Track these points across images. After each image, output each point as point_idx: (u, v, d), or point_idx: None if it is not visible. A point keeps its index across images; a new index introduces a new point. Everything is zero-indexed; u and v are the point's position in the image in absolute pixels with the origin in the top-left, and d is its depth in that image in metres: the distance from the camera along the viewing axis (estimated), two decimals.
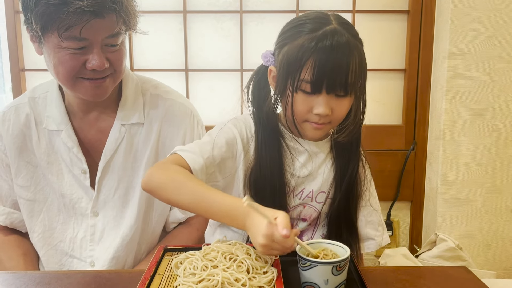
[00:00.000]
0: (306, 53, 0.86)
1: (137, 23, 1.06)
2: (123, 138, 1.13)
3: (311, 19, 0.90)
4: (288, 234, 0.72)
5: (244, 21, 1.86)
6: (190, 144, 0.98)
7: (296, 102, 0.90)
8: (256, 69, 1.03)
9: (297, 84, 0.88)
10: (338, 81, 0.86)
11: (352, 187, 1.02)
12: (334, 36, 0.85)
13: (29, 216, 1.16)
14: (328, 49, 0.85)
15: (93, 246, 1.14)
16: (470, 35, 1.69)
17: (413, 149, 1.88)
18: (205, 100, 1.91)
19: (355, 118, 0.96)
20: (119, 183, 1.14)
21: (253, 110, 1.00)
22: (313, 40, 0.86)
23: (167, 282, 0.76)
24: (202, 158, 0.92)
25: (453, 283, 0.87)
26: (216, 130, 1.00)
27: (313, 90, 0.88)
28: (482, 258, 1.82)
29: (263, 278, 0.73)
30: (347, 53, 0.86)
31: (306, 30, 0.88)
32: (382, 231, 1.07)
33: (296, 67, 0.87)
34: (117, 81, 1.08)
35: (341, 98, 0.90)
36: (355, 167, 1.02)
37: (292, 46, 0.88)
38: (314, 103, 0.89)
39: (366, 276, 0.84)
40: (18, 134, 1.14)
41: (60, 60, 0.99)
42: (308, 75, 0.86)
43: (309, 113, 0.91)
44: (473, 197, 1.79)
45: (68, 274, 0.91)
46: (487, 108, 1.74)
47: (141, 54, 1.88)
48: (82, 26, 0.94)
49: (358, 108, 0.95)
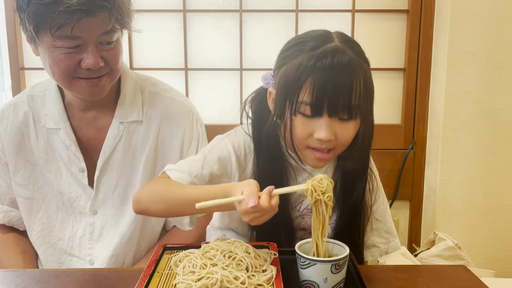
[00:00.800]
0: (305, 73, 0.80)
1: (131, 20, 1.05)
2: (122, 136, 1.13)
3: (312, 37, 0.84)
4: (255, 204, 0.70)
5: (243, 20, 1.86)
6: (182, 161, 0.97)
7: (295, 126, 0.84)
8: (256, 91, 0.99)
9: (295, 107, 0.82)
10: (340, 103, 0.80)
11: (358, 210, 0.97)
12: (336, 54, 0.79)
13: (28, 214, 1.16)
14: (329, 68, 0.78)
15: (92, 244, 1.15)
16: (469, 34, 1.70)
17: (412, 148, 1.88)
18: (204, 99, 1.91)
19: (362, 143, 0.88)
20: (118, 181, 1.14)
21: (253, 132, 0.96)
22: (312, 58, 0.80)
23: (166, 280, 0.76)
24: (190, 176, 0.91)
25: (452, 282, 0.87)
26: (211, 144, 0.98)
27: (313, 113, 0.81)
28: (481, 257, 1.83)
29: (262, 276, 0.73)
30: (350, 72, 0.79)
31: (306, 48, 0.82)
32: (389, 238, 1.03)
33: (294, 88, 0.81)
34: (114, 79, 1.08)
35: (345, 121, 0.83)
36: (361, 192, 0.96)
37: (290, 65, 0.83)
38: (315, 127, 0.83)
39: (365, 274, 0.84)
40: (16, 132, 1.14)
41: (55, 60, 0.99)
42: (307, 96, 0.80)
43: (310, 137, 0.84)
44: (472, 196, 1.80)
45: (67, 272, 0.91)
46: (486, 107, 1.74)
47: (141, 53, 1.88)
48: (73, 25, 0.93)
49: (364, 132, 0.88)
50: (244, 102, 0.99)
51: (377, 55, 1.87)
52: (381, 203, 1.03)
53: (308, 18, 1.86)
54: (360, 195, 0.97)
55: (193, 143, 1.17)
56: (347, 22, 1.85)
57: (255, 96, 0.98)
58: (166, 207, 0.88)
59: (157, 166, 1.16)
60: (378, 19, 1.86)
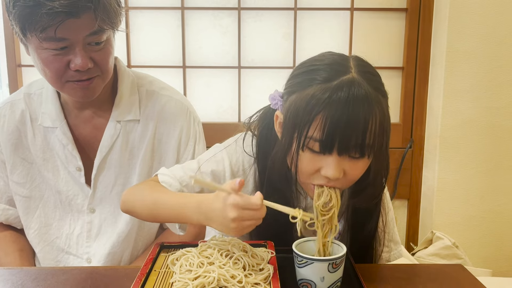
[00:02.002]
0: (317, 107, 0.73)
1: (120, 20, 1.03)
2: (119, 134, 1.12)
3: (327, 64, 0.78)
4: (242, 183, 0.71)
5: (242, 17, 1.85)
6: (176, 166, 0.96)
7: (301, 161, 0.79)
8: (264, 109, 0.94)
9: (304, 141, 0.76)
10: (353, 142, 0.74)
11: (369, 242, 0.95)
12: (351, 89, 0.73)
13: (25, 212, 1.16)
14: (343, 104, 0.72)
15: (89, 242, 1.14)
16: (468, 33, 1.69)
17: (410, 147, 1.88)
18: (202, 97, 1.91)
19: (375, 181, 0.83)
20: (115, 180, 1.13)
21: (257, 153, 0.92)
22: (325, 91, 0.73)
23: (163, 278, 0.75)
24: (180, 184, 0.91)
25: (449, 281, 0.87)
26: (209, 154, 0.96)
27: (322, 150, 0.76)
28: (478, 256, 1.83)
29: (259, 275, 0.73)
30: (366, 109, 0.73)
31: (319, 79, 0.76)
32: (392, 246, 1.01)
33: (304, 121, 0.75)
34: (105, 80, 1.07)
35: (356, 159, 0.77)
36: (373, 227, 0.93)
37: (302, 95, 0.76)
38: (322, 164, 0.77)
39: (362, 273, 0.84)
40: (13, 130, 1.14)
41: (44, 62, 0.98)
42: (317, 132, 0.74)
43: (316, 173, 0.79)
44: (470, 196, 1.80)
45: (64, 270, 0.91)
46: (485, 106, 1.74)
47: (139, 51, 1.88)
48: (56, 27, 0.92)
49: (377, 170, 0.82)
50: (249, 119, 0.96)
51: (376, 54, 1.86)
52: (389, 219, 1.00)
53: (307, 16, 1.85)
54: (373, 229, 0.93)
55: (190, 142, 1.17)
56: (345, 20, 1.85)
57: (262, 115, 0.93)
58: (147, 211, 0.89)
59: (154, 165, 1.15)
60: (376, 18, 1.85)
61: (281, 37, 1.87)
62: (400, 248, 1.03)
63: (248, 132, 0.96)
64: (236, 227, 0.73)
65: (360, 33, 1.84)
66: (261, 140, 0.92)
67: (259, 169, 0.92)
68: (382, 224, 0.95)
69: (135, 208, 0.91)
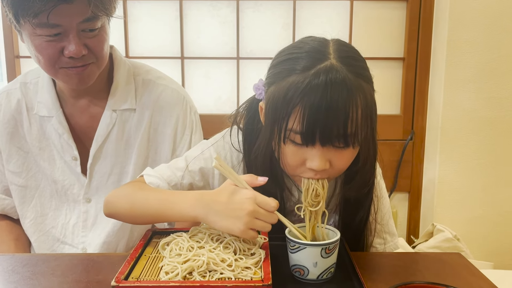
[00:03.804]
0: (294, 98, 0.70)
1: (115, 6, 1.02)
2: (115, 124, 1.11)
3: (306, 52, 0.74)
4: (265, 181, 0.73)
5: (241, 8, 1.83)
6: (162, 166, 0.94)
7: (285, 154, 0.76)
8: (249, 100, 0.91)
9: (284, 135, 0.73)
10: (334, 132, 0.71)
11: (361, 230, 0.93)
12: (328, 75, 0.69)
13: (21, 202, 1.16)
14: (320, 92, 0.68)
15: (85, 232, 1.14)
16: (469, 22, 1.67)
17: (411, 139, 1.86)
18: (201, 88, 1.89)
19: (364, 169, 0.81)
20: (111, 170, 1.12)
21: (243, 148, 0.90)
22: (302, 82, 0.70)
23: (153, 263, 0.74)
24: (168, 185, 0.88)
25: (446, 268, 0.86)
26: (196, 152, 0.93)
27: (305, 142, 0.73)
28: (480, 249, 1.81)
29: (250, 259, 0.72)
30: (345, 96, 0.69)
31: (298, 68, 0.73)
32: (388, 238, 0.99)
33: (283, 114, 0.72)
34: (100, 68, 1.06)
35: (341, 149, 0.74)
36: (365, 213, 0.90)
37: (280, 86, 0.73)
38: (307, 156, 0.74)
39: (357, 261, 0.82)
40: (9, 119, 1.13)
41: (38, 48, 0.97)
42: (296, 124, 0.71)
43: (302, 166, 0.76)
44: (471, 188, 1.78)
45: (56, 257, 0.90)
46: (487, 97, 1.72)
47: (137, 41, 1.86)
48: (49, 12, 0.91)
49: (367, 160, 0.80)
50: (236, 111, 0.92)
51: (376, 45, 1.84)
52: (384, 208, 0.98)
53: (306, 6, 1.83)
54: (364, 218, 0.91)
55: (187, 132, 1.15)
56: (345, 10, 1.82)
57: (247, 107, 0.90)
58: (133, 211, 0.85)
59: (150, 154, 1.14)
60: (377, 8, 1.83)
61: (280, 28, 1.85)
62: (396, 240, 1.01)
63: (234, 126, 0.93)
64: (248, 222, 0.70)
65: (360, 24, 1.82)
66: (247, 134, 0.89)
67: (246, 164, 0.89)
68: (373, 211, 0.93)
69: (119, 208, 0.87)
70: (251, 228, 0.72)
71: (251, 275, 0.68)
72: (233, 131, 0.93)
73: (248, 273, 0.69)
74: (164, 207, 0.79)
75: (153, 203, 0.81)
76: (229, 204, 0.71)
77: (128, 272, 0.69)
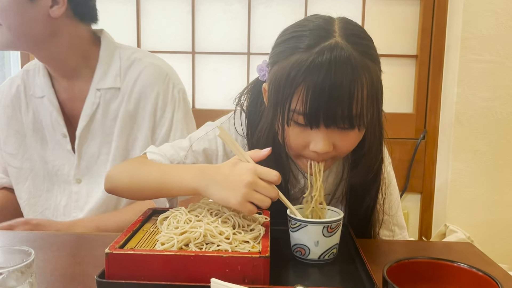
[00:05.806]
0: (297, 77, 0.68)
1: None
2: (99, 103, 1.11)
3: (310, 30, 0.72)
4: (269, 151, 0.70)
5: (252, 4, 1.83)
6: (166, 145, 0.93)
7: (289, 136, 0.74)
8: (253, 82, 0.89)
9: (287, 116, 0.71)
10: (339, 113, 0.68)
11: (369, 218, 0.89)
12: (332, 53, 0.67)
13: (16, 183, 1.19)
14: (324, 71, 0.66)
15: (76, 213, 1.14)
16: (484, 18, 1.64)
17: (423, 138, 1.82)
18: (211, 84, 1.89)
19: (369, 153, 0.79)
20: (100, 149, 1.13)
21: (246, 130, 0.88)
22: (305, 61, 0.68)
23: (150, 236, 0.73)
24: (171, 163, 0.87)
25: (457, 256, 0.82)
26: (201, 132, 0.92)
27: (308, 123, 0.70)
28: (494, 252, 1.73)
29: (248, 234, 0.69)
30: (350, 75, 0.67)
31: (302, 46, 0.70)
32: (396, 230, 0.96)
33: (285, 94, 0.70)
34: (8, 30, 1.02)
35: (346, 131, 0.72)
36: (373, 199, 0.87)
37: (282, 66, 0.71)
38: (310, 138, 0.72)
39: (363, 246, 0.79)
40: (8, 104, 1.18)
41: None
42: (299, 105, 0.69)
43: (305, 148, 0.74)
44: (486, 188, 1.73)
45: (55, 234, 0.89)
46: (502, 94, 1.68)
47: (149, 36, 1.88)
48: None
49: (372, 143, 0.78)
50: (240, 94, 0.90)
51: (389, 41, 1.82)
52: (392, 198, 0.95)
53: (318, 2, 1.82)
54: (371, 206, 0.88)
55: (168, 109, 1.12)
56: (358, 7, 1.81)
57: (251, 89, 0.88)
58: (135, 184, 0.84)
59: (133, 132, 1.12)
60: (390, 4, 1.81)
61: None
62: (405, 233, 0.98)
63: (237, 109, 0.91)
64: (246, 193, 0.67)
65: (373, 20, 1.80)
66: (250, 117, 0.87)
67: (250, 148, 0.85)
68: (381, 199, 0.90)
69: (120, 185, 0.86)
70: (249, 202, 0.69)
71: (249, 248, 0.66)
72: (236, 114, 0.92)
73: (246, 246, 0.66)
74: (164, 179, 0.78)
75: (154, 175, 0.80)
76: (229, 176, 0.70)
77: (123, 243, 0.67)
